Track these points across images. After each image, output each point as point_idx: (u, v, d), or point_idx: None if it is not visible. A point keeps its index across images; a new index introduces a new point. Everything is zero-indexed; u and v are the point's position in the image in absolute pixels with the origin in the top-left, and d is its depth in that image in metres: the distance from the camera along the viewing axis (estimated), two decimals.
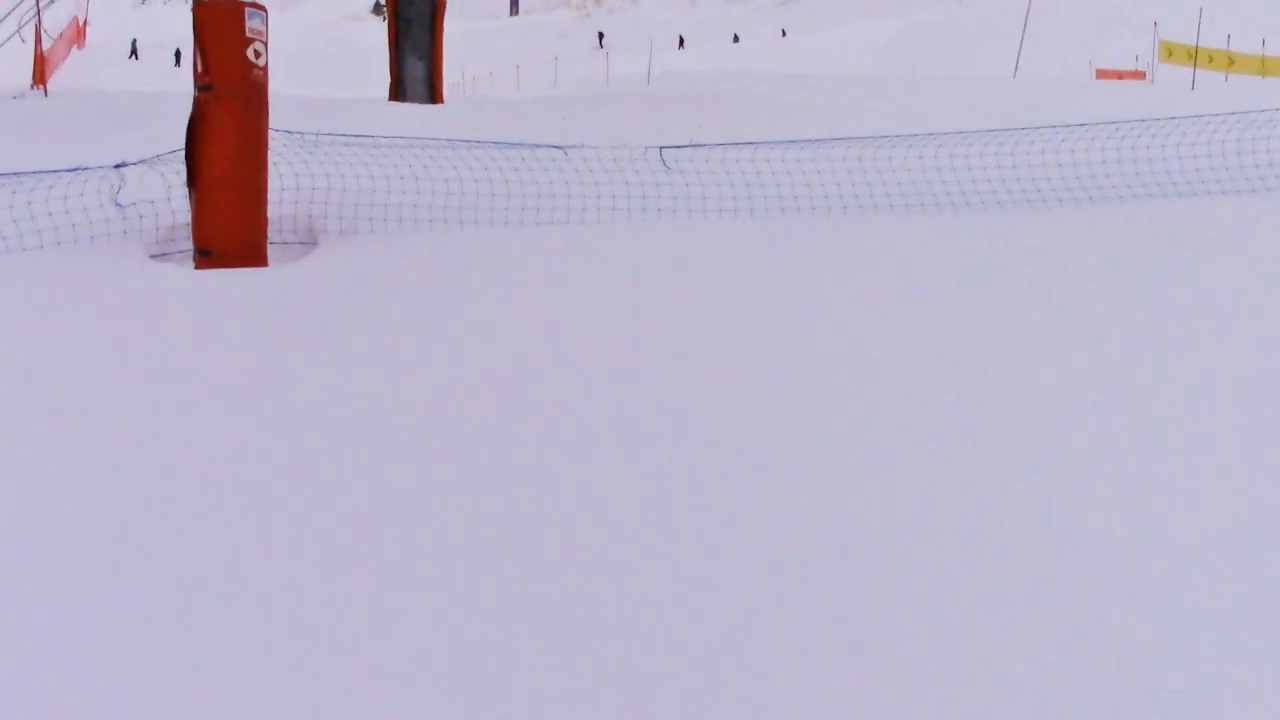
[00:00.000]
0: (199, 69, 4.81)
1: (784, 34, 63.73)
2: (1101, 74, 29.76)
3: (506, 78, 33.38)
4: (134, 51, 52.15)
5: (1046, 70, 39.93)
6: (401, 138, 5.16)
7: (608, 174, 5.22)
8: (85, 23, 45.71)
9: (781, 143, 5.32)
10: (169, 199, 4.97)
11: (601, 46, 65.49)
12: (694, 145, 5.26)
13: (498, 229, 5.05)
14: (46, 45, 36.28)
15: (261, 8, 4.91)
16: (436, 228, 5.07)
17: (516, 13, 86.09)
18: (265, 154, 4.89)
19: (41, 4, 34.62)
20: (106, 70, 42.70)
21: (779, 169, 5.27)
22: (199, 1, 4.84)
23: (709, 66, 37.96)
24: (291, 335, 4.05)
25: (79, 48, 43.27)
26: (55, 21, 37.58)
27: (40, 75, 25.70)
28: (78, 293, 4.39)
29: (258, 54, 4.88)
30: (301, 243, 5.10)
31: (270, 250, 4.93)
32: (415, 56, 14.88)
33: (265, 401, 3.39)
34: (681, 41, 60.07)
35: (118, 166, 4.92)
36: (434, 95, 14.91)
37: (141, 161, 4.97)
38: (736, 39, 62.96)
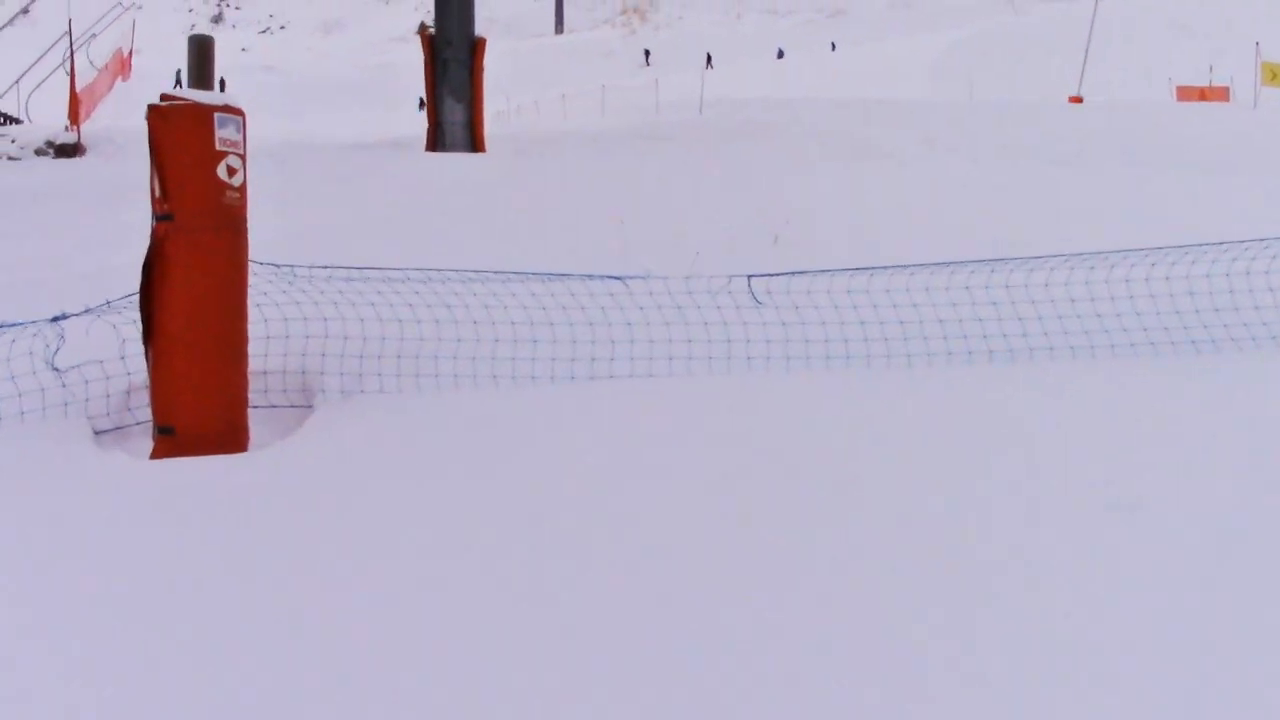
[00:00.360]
0: (156, 192, 3.73)
1: (833, 48, 62.37)
2: (1183, 93, 28.04)
3: (552, 106, 32.40)
4: (178, 82, 52.03)
5: (1114, 85, 38.24)
6: (419, 269, 4.03)
7: (680, 309, 4.06)
8: (131, 53, 45.51)
9: (904, 268, 4.11)
10: (123, 357, 3.90)
11: (648, 64, 64.63)
12: (791, 274, 4.06)
13: (541, 386, 3.92)
14: (91, 78, 36.16)
15: (237, 110, 3.82)
16: (463, 384, 3.94)
17: (562, 31, 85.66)
18: (244, 300, 3.80)
19: (76, 43, 34.45)
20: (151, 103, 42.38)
21: (901, 299, 4.06)
22: (152, 106, 3.77)
23: (758, 89, 36.74)
24: (273, 564, 2.94)
25: (124, 79, 43.09)
26: (100, 53, 37.38)
27: (75, 114, 25.22)
28: None
29: (232, 170, 3.80)
30: (293, 406, 4.00)
31: (252, 417, 3.84)
32: (454, 100, 13.89)
33: (231, 661, 2.31)
34: (709, 60, 58.65)
35: (56, 320, 3.85)
36: (475, 141, 13.90)
37: (87, 311, 3.91)
38: (781, 54, 61.65)
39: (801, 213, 6.26)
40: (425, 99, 14.17)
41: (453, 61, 13.95)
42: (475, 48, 14.09)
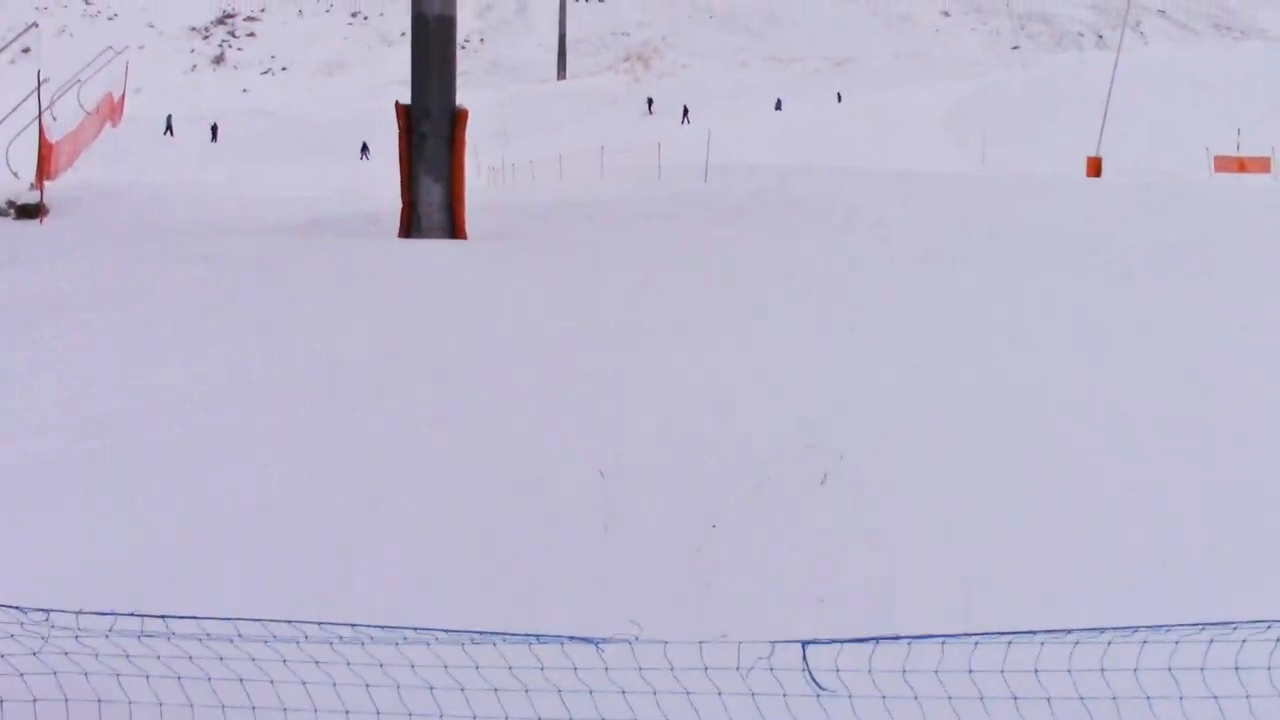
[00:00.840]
0: None
1: (840, 98, 61.01)
2: (1221, 164, 26.51)
3: (549, 167, 30.93)
4: (169, 128, 50.80)
5: (1130, 143, 36.70)
6: (255, 620, 2.46)
7: (689, 697, 2.46)
8: (123, 98, 44.09)
9: (1064, 634, 2.48)
10: None
11: (650, 112, 63.38)
12: (875, 640, 2.43)
13: None
14: (77, 123, 34.79)
15: None
16: None
17: (564, 76, 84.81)
18: None
19: (63, 88, 33.11)
20: (139, 150, 40.86)
21: (1055, 683, 2.46)
22: None
23: (759, 144, 35.23)
24: None
25: (113, 125, 41.65)
26: (90, 97, 36.04)
27: (42, 173, 23.72)
28: None
29: None
30: None
31: None
32: (431, 179, 12.37)
33: None
34: (686, 112, 56.86)
35: None
36: (454, 225, 12.37)
37: None
38: (779, 106, 60.08)
39: (855, 398, 4.69)
40: (400, 177, 12.72)
41: (431, 136, 12.47)
42: (456, 120, 12.62)
